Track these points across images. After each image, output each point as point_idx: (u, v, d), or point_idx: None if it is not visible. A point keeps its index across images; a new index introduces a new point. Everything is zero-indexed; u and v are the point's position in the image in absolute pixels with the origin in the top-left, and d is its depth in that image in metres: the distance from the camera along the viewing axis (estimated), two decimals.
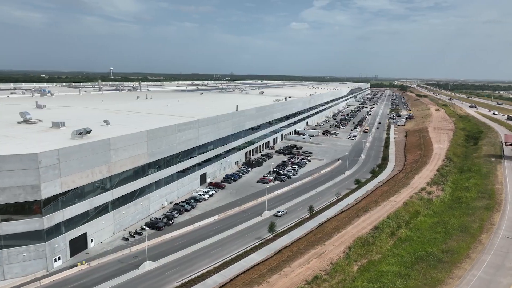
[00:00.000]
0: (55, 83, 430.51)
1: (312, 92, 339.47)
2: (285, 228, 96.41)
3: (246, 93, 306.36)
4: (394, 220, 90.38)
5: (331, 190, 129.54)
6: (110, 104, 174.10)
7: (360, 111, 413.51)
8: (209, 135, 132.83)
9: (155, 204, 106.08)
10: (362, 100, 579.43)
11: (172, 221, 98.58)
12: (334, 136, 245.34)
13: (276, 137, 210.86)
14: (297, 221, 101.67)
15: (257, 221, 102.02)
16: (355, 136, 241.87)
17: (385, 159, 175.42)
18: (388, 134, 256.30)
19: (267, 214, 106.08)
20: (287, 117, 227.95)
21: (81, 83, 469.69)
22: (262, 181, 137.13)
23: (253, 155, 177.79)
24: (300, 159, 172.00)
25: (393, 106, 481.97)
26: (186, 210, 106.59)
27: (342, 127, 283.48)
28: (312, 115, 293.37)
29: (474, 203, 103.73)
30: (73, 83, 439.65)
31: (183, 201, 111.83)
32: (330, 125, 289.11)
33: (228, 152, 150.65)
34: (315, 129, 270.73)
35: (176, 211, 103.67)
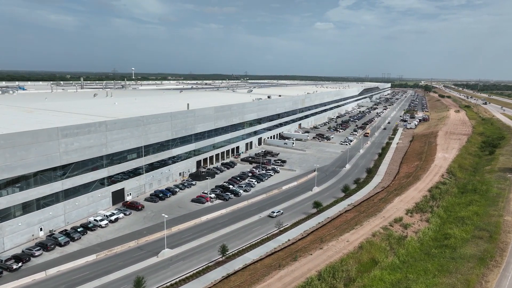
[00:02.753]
0: (51, 82, 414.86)
1: (313, 91, 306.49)
2: (172, 281, 66.10)
3: (233, 91, 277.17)
4: (327, 279, 58.44)
5: (280, 216, 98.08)
6: (50, 102, 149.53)
7: (370, 112, 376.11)
8: (129, 140, 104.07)
9: (17, 236, 78.03)
10: (378, 100, 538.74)
11: (21, 264, 70.01)
12: (326, 140, 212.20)
13: (251, 142, 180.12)
14: (202, 267, 71.11)
15: (147, 264, 72.24)
16: (351, 141, 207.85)
17: (370, 172, 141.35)
18: (391, 139, 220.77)
19: (167, 253, 76.01)
20: (268, 118, 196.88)
21: (79, 81, 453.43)
22: (198, 200, 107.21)
23: (211, 163, 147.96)
24: (266, 170, 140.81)
25: (410, 107, 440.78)
26: (59, 245, 77.98)
27: (341, 130, 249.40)
28: (308, 116, 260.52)
29: (464, 247, 70.19)
30: (63, 82, 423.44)
31: (63, 231, 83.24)
32: (328, 128, 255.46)
33: (167, 161, 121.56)
34: (308, 132, 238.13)
35: (39, 247, 75.18)
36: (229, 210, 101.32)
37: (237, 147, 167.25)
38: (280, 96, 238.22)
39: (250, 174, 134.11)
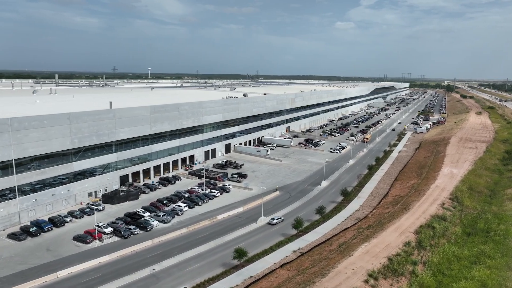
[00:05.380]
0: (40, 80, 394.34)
1: (310, 89, 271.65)
2: None
3: (214, 89, 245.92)
4: None
5: (184, 270, 65.50)
6: None
7: (380, 113, 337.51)
8: None
9: None
10: (392, 101, 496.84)
11: None
12: (314, 147, 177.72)
13: (214, 149, 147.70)
14: None
15: None
16: (343, 148, 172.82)
17: (348, 194, 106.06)
18: (395, 145, 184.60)
19: None
20: (242, 121, 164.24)
21: (74, 80, 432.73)
22: (82, 238, 75.49)
23: (147, 178, 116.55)
24: (212, 188, 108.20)
25: (427, 108, 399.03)
26: None
27: (337, 135, 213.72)
28: (300, 118, 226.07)
29: None
30: (47, 80, 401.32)
31: None
32: (322, 132, 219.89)
33: (65, 178, 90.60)
34: (297, 136, 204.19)
35: None
36: (114, 257, 69.20)
37: (191, 157, 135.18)
38: (265, 94, 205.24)
39: (186, 195, 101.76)
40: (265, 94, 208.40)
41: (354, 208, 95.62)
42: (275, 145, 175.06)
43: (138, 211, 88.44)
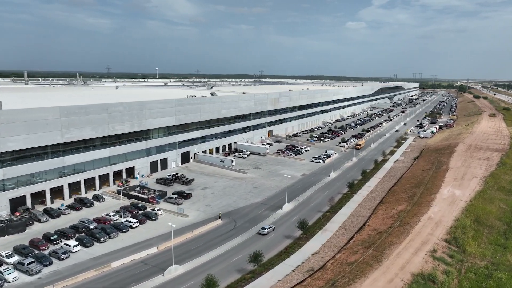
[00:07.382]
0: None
1: (302, 88, 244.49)
2: None
3: (190, 88, 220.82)
4: None
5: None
6: None
7: (382, 115, 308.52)
8: None
9: None
10: (399, 101, 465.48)
11: None
12: (295, 155, 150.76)
13: (165, 159, 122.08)
14: None
15: None
16: (328, 156, 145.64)
17: (306, 228, 78.41)
18: (392, 153, 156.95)
19: None
20: (208, 124, 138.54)
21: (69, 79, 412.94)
22: None
23: (59, 197, 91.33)
24: (133, 214, 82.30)
25: (436, 109, 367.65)
26: None
27: (327, 140, 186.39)
28: (286, 120, 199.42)
29: None
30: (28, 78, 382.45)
31: None
32: (310, 136, 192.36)
33: None
34: (280, 141, 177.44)
35: None
36: None
37: (130, 169, 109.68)
38: (243, 93, 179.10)
39: (92, 226, 75.98)
40: (244, 93, 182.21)
41: (313, 249, 68.65)
42: (248, 152, 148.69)
43: (0, 255, 62.91)
